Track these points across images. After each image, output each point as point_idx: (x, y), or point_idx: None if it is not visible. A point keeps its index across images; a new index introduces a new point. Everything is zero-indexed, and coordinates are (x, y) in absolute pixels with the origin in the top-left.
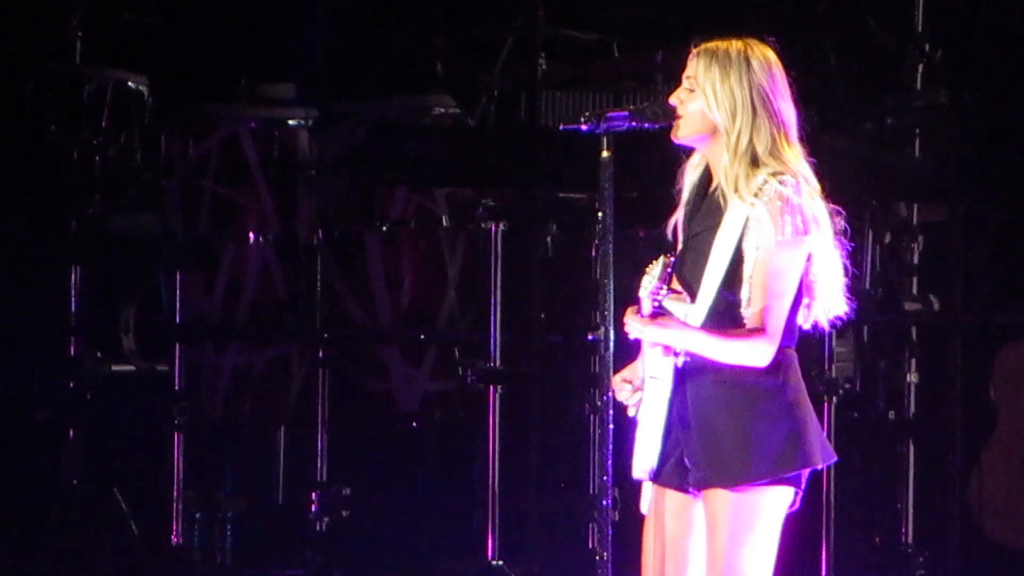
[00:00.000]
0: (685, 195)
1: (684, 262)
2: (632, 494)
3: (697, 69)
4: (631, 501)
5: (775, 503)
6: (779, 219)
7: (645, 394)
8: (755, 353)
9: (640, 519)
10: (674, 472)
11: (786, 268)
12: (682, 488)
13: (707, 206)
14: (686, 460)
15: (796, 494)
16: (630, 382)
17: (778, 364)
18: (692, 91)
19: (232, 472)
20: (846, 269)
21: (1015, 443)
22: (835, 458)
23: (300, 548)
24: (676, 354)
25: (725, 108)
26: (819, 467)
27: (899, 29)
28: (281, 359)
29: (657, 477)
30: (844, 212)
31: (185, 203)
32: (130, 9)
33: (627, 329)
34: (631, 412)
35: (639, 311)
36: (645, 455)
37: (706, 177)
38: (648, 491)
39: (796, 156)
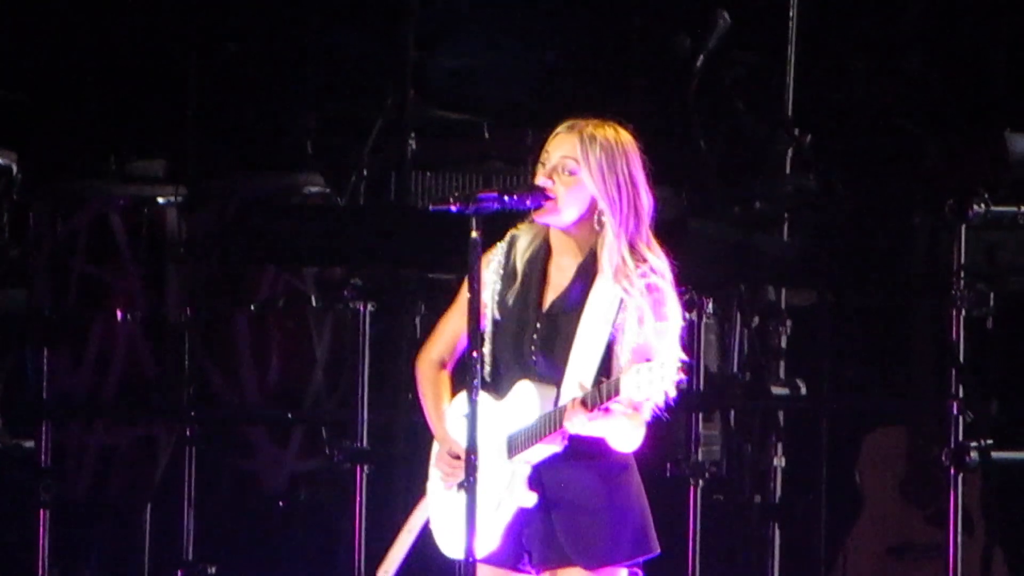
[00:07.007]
0: (519, 272)
1: (543, 342)
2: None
3: (577, 151)
4: None
5: None
6: (660, 308)
7: (479, 474)
8: (642, 434)
9: None
10: (513, 552)
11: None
12: (518, 568)
13: (560, 285)
14: (525, 540)
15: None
16: (458, 457)
17: None
18: (573, 173)
19: (98, 550)
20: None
21: (881, 528)
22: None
23: None
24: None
25: (613, 193)
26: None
27: (769, 114)
28: (148, 437)
29: (495, 558)
30: (713, 295)
31: (53, 280)
32: None
33: (571, 427)
34: (452, 491)
35: (587, 409)
36: (483, 536)
37: (544, 255)
38: (483, 572)
39: (655, 243)
